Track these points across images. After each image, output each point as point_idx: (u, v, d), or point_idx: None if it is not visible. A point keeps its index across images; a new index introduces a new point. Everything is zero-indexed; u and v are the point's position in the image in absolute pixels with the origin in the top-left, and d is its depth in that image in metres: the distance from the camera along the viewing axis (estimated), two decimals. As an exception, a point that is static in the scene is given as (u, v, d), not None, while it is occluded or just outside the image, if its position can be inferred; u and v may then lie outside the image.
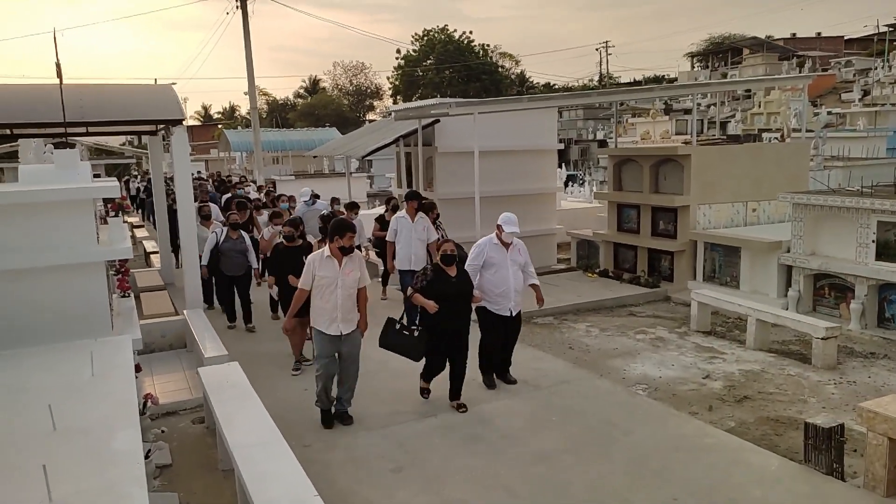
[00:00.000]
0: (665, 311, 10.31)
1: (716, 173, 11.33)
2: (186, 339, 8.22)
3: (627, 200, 12.54)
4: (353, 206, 10.64)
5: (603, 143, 36.38)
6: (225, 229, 9.21)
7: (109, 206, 6.35)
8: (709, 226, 11.31)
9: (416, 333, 6.01)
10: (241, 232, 9.30)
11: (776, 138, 19.43)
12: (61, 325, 4.86)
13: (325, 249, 5.69)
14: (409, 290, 6.14)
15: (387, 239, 9.13)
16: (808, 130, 15.33)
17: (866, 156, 18.74)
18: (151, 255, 14.06)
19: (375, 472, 5.06)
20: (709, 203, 11.31)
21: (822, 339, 7.51)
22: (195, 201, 11.68)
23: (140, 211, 23.09)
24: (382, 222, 10.25)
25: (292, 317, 6.03)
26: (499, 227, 6.57)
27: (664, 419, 6.02)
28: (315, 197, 12.60)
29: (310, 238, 8.70)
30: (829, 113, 27.86)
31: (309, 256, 5.81)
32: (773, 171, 11.76)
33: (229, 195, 14.34)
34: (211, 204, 11.88)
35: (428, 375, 6.38)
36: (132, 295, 7.09)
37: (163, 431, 6.06)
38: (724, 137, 20.10)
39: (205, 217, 10.40)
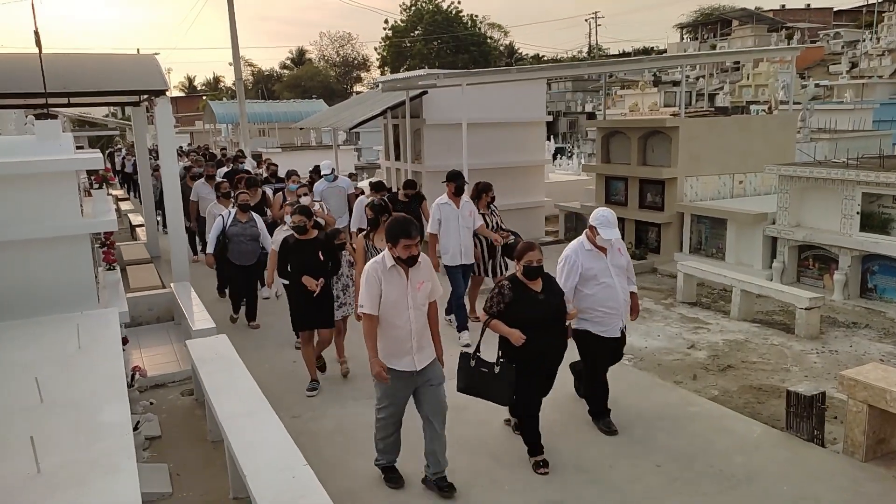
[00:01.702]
0: (651, 282, 10.39)
1: (703, 145, 11.34)
2: (174, 312, 8.20)
3: (615, 173, 12.55)
4: (379, 187, 8.89)
5: (591, 116, 36.27)
6: (232, 211, 8.03)
7: (93, 178, 6.29)
8: (696, 198, 11.35)
9: (497, 370, 4.59)
10: (253, 214, 8.11)
11: (764, 110, 19.43)
12: (46, 298, 4.84)
13: (387, 256, 4.26)
14: (484, 315, 4.71)
15: (430, 231, 7.45)
16: (795, 103, 15.33)
17: (853, 128, 18.80)
18: (137, 229, 13.96)
19: (363, 442, 5.10)
20: (696, 175, 11.34)
21: (805, 309, 7.61)
22: (206, 178, 10.93)
23: (125, 186, 22.72)
24: (394, 202, 8.98)
25: (374, 347, 4.31)
26: (592, 228, 5.04)
27: (649, 388, 6.11)
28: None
29: (334, 222, 7.75)
30: (816, 85, 27.87)
31: (366, 266, 4.30)
32: (760, 143, 11.79)
33: (227, 170, 12.99)
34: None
35: (531, 439, 4.85)
36: (118, 268, 7.07)
37: (151, 403, 6.09)
38: (713, 109, 20.08)
39: (225, 195, 9.34)
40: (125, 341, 5.62)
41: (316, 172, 11.11)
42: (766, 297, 8.37)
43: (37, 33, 5.47)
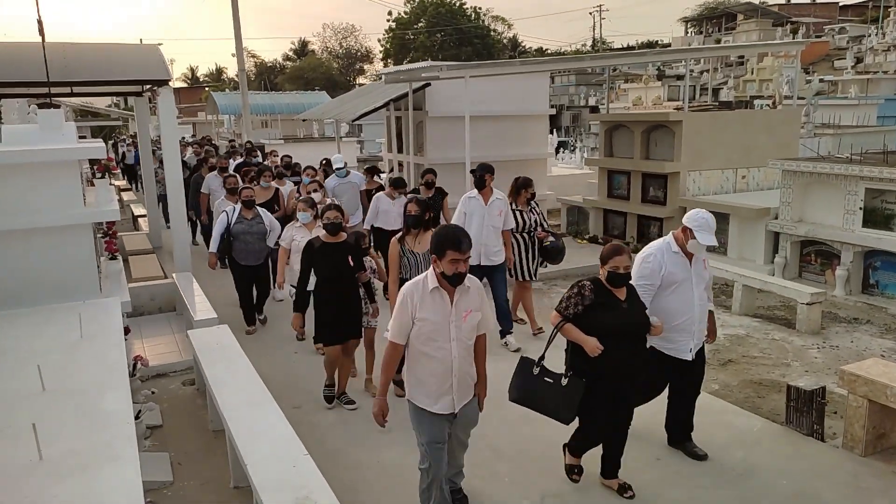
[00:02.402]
0: (653, 276, 10.38)
1: (706, 140, 11.32)
2: (176, 303, 8.22)
3: (618, 167, 12.52)
4: (399, 184, 8.26)
5: (595, 110, 36.18)
6: (237, 207, 7.49)
7: (96, 167, 6.29)
8: (698, 192, 11.33)
9: (565, 382, 4.05)
10: (259, 209, 7.55)
11: (768, 105, 19.37)
12: (49, 287, 4.86)
13: (430, 276, 3.55)
14: (556, 316, 4.11)
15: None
16: (799, 98, 15.29)
17: (857, 123, 18.74)
18: (139, 219, 13.97)
19: (364, 433, 5.12)
20: (699, 170, 11.32)
21: (806, 304, 7.60)
22: (219, 170, 10.43)
23: (127, 178, 22.64)
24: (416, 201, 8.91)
25: (387, 384, 3.80)
26: (686, 230, 4.39)
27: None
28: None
29: (348, 220, 7.00)
30: (821, 80, 27.78)
31: (404, 287, 3.64)
32: (763, 137, 11.75)
33: (238, 162, 12.37)
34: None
35: (581, 446, 4.40)
36: (120, 257, 7.08)
37: (153, 393, 6.11)
38: (717, 104, 20.02)
39: (231, 191, 8.58)
40: (127, 331, 5.63)
41: (328, 165, 10.56)
42: (768, 292, 8.37)
43: (40, 22, 5.47)
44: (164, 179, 10.32)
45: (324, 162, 11.14)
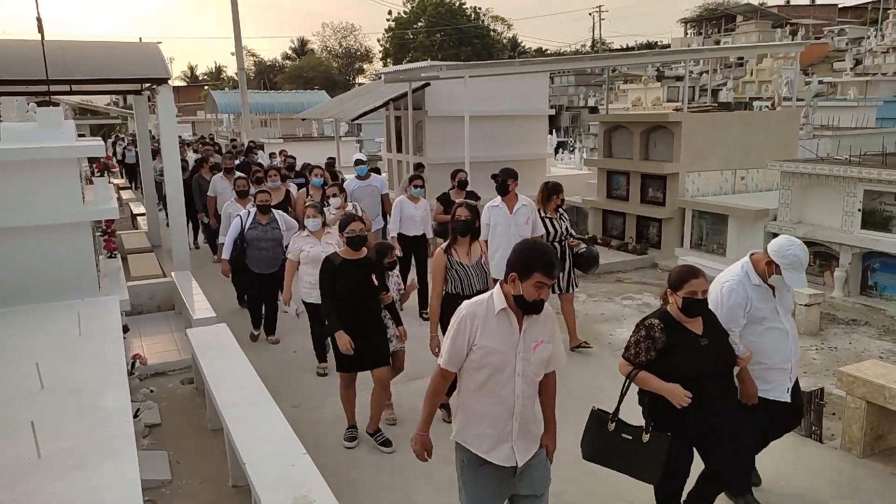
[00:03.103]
0: (652, 277, 10.39)
1: (706, 141, 11.33)
2: (174, 301, 8.21)
3: (617, 167, 12.53)
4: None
5: (594, 110, 36.20)
6: (251, 211, 7.04)
7: (94, 165, 6.29)
8: (697, 193, 11.35)
9: (646, 438, 3.45)
10: (275, 213, 7.13)
11: (767, 106, 19.39)
12: (47, 284, 4.86)
13: (497, 296, 2.96)
14: (625, 365, 3.53)
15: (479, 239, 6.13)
16: (798, 99, 15.30)
17: (856, 125, 18.77)
18: (138, 217, 13.96)
19: (362, 432, 5.12)
20: (698, 171, 11.33)
21: (805, 305, 7.61)
22: (225, 171, 9.90)
23: (127, 178, 22.57)
24: (446, 202, 7.85)
25: (431, 417, 3.24)
26: (772, 264, 3.77)
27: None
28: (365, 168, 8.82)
29: (370, 227, 6.69)
30: (820, 82, 27.80)
31: (463, 305, 3.02)
32: (762, 139, 11.77)
33: (238, 161, 11.72)
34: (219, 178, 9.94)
35: (671, 501, 3.76)
36: (119, 256, 7.08)
37: (151, 391, 6.10)
38: (716, 105, 20.05)
39: (241, 194, 8.09)
40: (126, 329, 5.63)
41: (331, 166, 9.97)
42: (767, 293, 8.37)
43: (39, 20, 5.46)
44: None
45: (326, 162, 10.75)
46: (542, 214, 6.58)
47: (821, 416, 5.00)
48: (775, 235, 9.76)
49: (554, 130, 27.69)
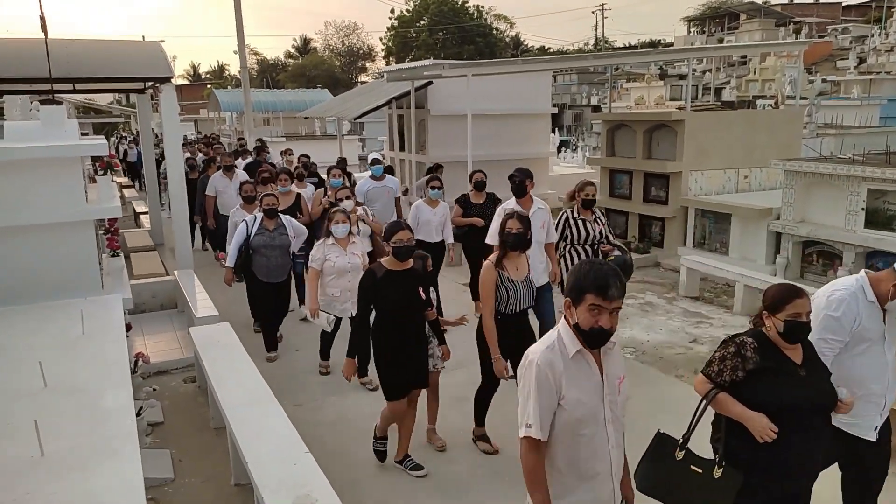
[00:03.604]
0: (655, 276, 10.39)
1: (709, 139, 11.31)
2: (177, 300, 8.22)
3: (620, 166, 12.52)
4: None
5: (597, 109, 36.17)
6: (257, 216, 6.58)
7: (98, 164, 6.29)
8: (700, 192, 11.33)
9: (718, 473, 2.93)
10: (283, 218, 6.68)
11: (770, 105, 19.35)
12: (50, 283, 4.86)
13: (566, 336, 2.53)
14: (703, 382, 3.02)
15: (489, 240, 5.88)
16: (802, 98, 15.27)
17: (859, 124, 18.71)
18: (141, 216, 13.97)
19: (365, 432, 5.11)
20: (701, 169, 11.32)
21: (808, 305, 7.59)
22: (224, 169, 9.63)
23: (130, 175, 22.53)
24: (465, 204, 7.41)
25: None
26: None
27: (651, 382, 6.11)
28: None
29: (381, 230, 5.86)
30: (823, 80, 27.73)
31: (534, 356, 2.52)
32: (765, 138, 11.75)
33: (249, 161, 11.59)
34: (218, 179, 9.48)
35: None
36: (122, 255, 7.08)
37: (154, 390, 6.11)
38: (719, 103, 20.01)
39: (248, 199, 7.53)
40: (129, 328, 5.63)
41: (341, 167, 9.57)
42: (770, 292, 8.36)
43: (42, 19, 5.46)
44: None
45: (336, 163, 10.23)
46: (574, 216, 6.22)
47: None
48: (779, 235, 9.81)
49: (556, 129, 27.69)
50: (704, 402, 2.98)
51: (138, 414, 5.08)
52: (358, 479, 4.54)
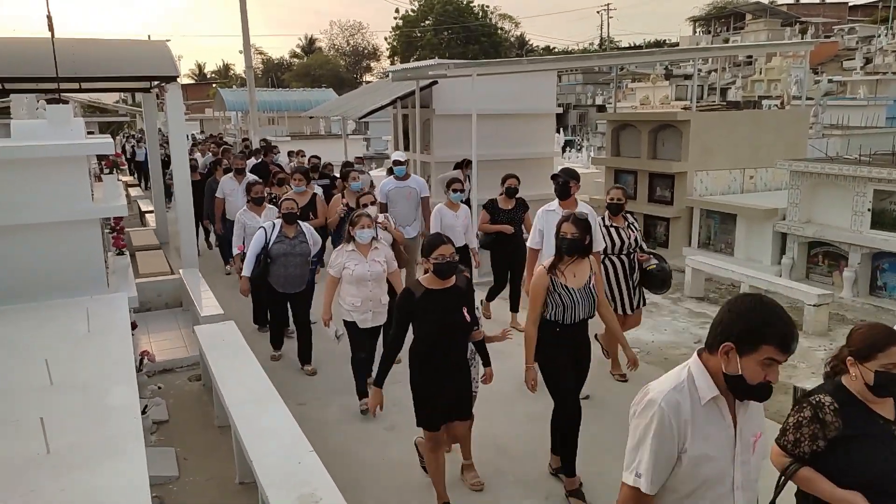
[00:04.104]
0: (659, 276, 10.37)
1: (714, 140, 11.29)
2: (182, 298, 8.24)
3: (625, 166, 12.51)
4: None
5: (602, 109, 36.11)
6: (277, 223, 6.19)
7: (104, 163, 6.31)
8: (705, 192, 11.30)
9: None
10: (302, 225, 6.29)
11: (776, 105, 19.29)
12: (57, 281, 4.88)
13: (700, 377, 2.10)
14: (779, 455, 2.63)
15: (530, 245, 5.78)
16: (808, 98, 15.22)
17: (866, 124, 18.66)
18: (146, 215, 14.01)
19: (369, 431, 5.13)
20: (706, 170, 11.29)
21: (813, 305, 7.58)
22: (235, 172, 9.14)
23: (136, 175, 22.56)
24: (493, 210, 7.05)
25: None
26: None
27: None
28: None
29: (402, 240, 6.11)
30: (829, 81, 27.63)
31: (654, 393, 2.12)
32: (771, 138, 11.72)
33: (256, 162, 11.21)
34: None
35: None
36: (127, 253, 7.10)
37: (159, 388, 6.13)
38: (724, 104, 19.96)
39: (256, 200, 7.20)
40: (134, 326, 5.65)
41: (348, 169, 8.93)
42: (775, 293, 8.33)
43: (49, 18, 5.49)
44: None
45: (343, 165, 9.81)
46: (606, 223, 5.76)
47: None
48: (784, 235, 9.79)
49: (561, 129, 27.65)
50: (783, 478, 2.58)
51: (143, 412, 5.10)
52: (362, 478, 4.54)
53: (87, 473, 2.66)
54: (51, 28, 5.53)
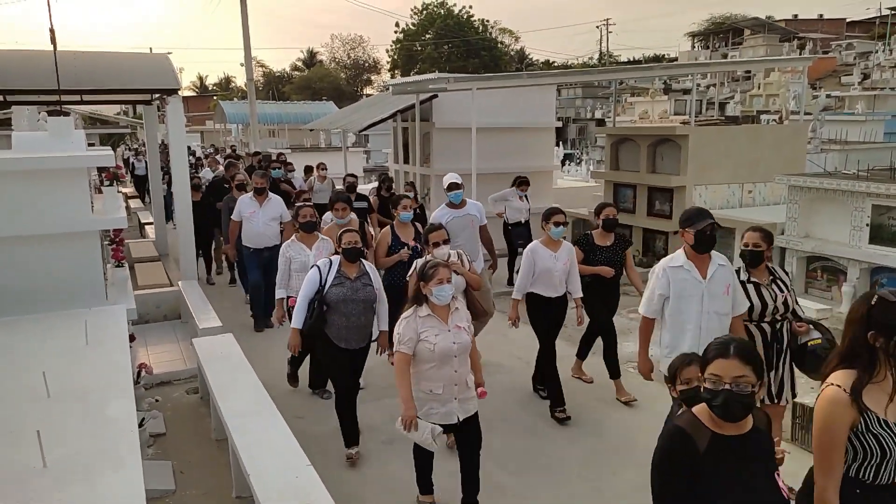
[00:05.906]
0: (658, 290, 10.36)
1: (713, 154, 11.33)
2: (181, 311, 8.23)
3: (624, 180, 12.54)
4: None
5: (601, 123, 36.25)
6: (334, 261, 4.89)
7: (104, 175, 6.32)
8: (704, 206, 11.34)
9: None
10: (365, 263, 4.98)
11: (774, 120, 19.38)
12: (55, 293, 4.87)
13: None
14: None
15: (644, 313, 4.50)
16: (806, 113, 15.29)
17: (864, 139, 18.74)
18: (146, 227, 14.02)
19: (368, 444, 5.11)
20: (705, 184, 11.33)
21: (812, 320, 7.57)
22: (255, 192, 7.82)
23: (137, 189, 22.44)
24: (588, 247, 6.03)
25: None
26: None
27: (654, 397, 6.08)
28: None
29: (479, 285, 5.04)
30: (828, 96, 27.77)
31: None
32: (770, 153, 11.77)
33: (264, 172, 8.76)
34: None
35: None
36: (126, 265, 7.10)
37: (157, 400, 6.11)
38: (723, 118, 20.07)
39: (306, 227, 6.07)
40: (132, 338, 5.64)
41: (349, 183, 8.43)
42: (774, 307, 8.34)
43: (52, 31, 5.52)
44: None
45: (382, 178, 8.71)
46: (746, 279, 4.39)
47: None
48: (783, 250, 9.80)
49: (561, 142, 27.75)
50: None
51: (140, 425, 5.08)
52: (359, 493, 4.52)
53: (84, 486, 2.64)
54: (53, 41, 5.57)
